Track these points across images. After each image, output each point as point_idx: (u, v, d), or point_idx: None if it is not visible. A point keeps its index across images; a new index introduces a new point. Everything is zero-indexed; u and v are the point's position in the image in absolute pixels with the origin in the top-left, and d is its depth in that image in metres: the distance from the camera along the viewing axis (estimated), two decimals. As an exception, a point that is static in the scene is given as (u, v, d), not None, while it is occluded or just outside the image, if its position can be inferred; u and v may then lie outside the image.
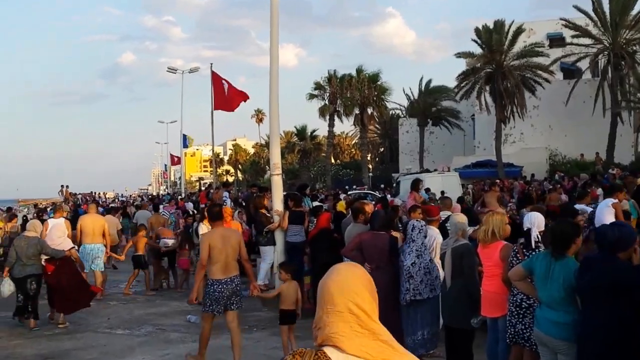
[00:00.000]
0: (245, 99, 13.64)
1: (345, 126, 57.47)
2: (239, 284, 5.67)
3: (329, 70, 36.77)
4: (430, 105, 35.14)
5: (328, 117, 36.77)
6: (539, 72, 26.57)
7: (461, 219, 5.31)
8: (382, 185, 28.68)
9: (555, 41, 32.00)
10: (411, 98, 37.17)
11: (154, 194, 47.85)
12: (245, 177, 63.16)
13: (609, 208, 6.83)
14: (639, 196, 8.45)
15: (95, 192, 38.05)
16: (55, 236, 7.98)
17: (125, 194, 50.32)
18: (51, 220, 8.87)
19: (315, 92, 36.71)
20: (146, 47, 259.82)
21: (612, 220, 5.99)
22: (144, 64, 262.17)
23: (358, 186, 29.91)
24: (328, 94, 36.34)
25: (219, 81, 14.20)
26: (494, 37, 26.38)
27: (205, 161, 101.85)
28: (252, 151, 70.32)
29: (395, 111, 43.40)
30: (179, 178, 57.13)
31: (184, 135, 30.52)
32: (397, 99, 70.09)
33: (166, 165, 53.97)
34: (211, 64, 16.11)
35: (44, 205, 28.60)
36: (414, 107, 36.51)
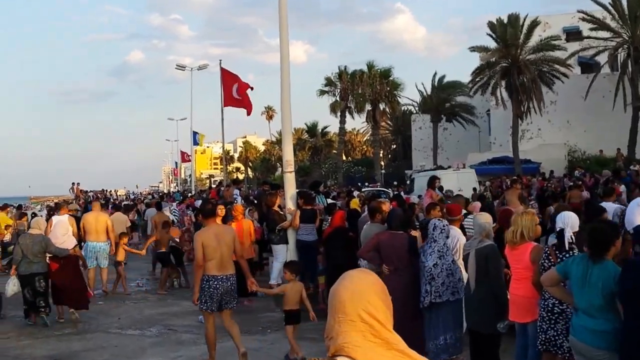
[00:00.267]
0: (248, 111, 13.40)
1: (357, 123, 57.28)
2: (234, 282, 5.59)
3: (339, 66, 36.38)
4: (444, 101, 34.69)
5: (339, 114, 36.43)
6: (556, 67, 26.07)
7: (486, 218, 5.08)
8: (395, 183, 28.37)
9: (571, 35, 31.43)
10: (424, 94, 36.75)
11: (164, 191, 48.01)
12: (256, 175, 63.15)
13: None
14: None
15: (107, 190, 38.34)
16: (60, 234, 7.97)
17: (137, 192, 50.62)
18: (55, 218, 8.79)
19: (326, 89, 36.35)
20: (154, 45, 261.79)
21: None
22: (152, 62, 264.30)
23: (370, 183, 29.68)
24: (339, 90, 35.97)
25: (228, 78, 13.95)
26: (508, 31, 25.93)
27: (216, 158, 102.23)
28: (262, 148, 70.19)
29: (407, 107, 43.00)
30: (190, 175, 57.36)
31: (194, 132, 30.34)
32: (409, 95, 69.67)
33: (177, 163, 54.13)
34: (220, 61, 15.97)
35: (55, 202, 28.81)
36: (426, 102, 36.11)
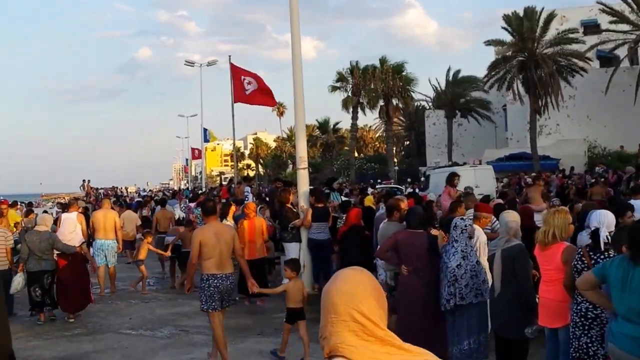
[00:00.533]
0: (271, 104, 13.21)
1: (369, 119, 56.75)
2: (234, 281, 5.52)
3: (351, 62, 35.96)
4: (459, 96, 34.09)
5: (351, 110, 36.04)
6: (574, 61, 25.45)
7: (513, 217, 4.80)
8: (409, 180, 28.01)
9: (589, 28, 30.75)
10: (438, 89, 36.18)
11: (175, 188, 48.00)
12: (267, 172, 63.02)
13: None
14: None
15: (117, 187, 38.48)
16: (67, 231, 7.95)
17: (147, 189, 50.70)
18: (64, 215, 8.75)
19: (338, 84, 35.96)
20: (162, 42, 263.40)
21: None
22: (161, 59, 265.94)
23: (384, 180, 29.33)
24: (351, 86, 35.58)
25: (238, 73, 13.74)
26: (525, 24, 25.40)
27: (226, 155, 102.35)
28: (273, 145, 69.80)
29: (420, 103, 42.44)
30: (200, 173, 57.43)
31: (205, 129, 30.14)
32: (422, 90, 68.84)
33: (187, 160, 54.21)
34: (229, 56, 15.59)
35: (69, 199, 28.97)
36: (441, 98, 35.56)
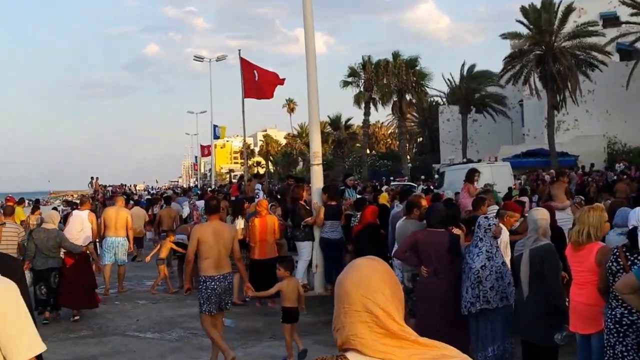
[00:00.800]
0: (280, 82, 12.83)
1: (381, 115, 56.32)
2: (231, 282, 5.49)
3: (363, 56, 35.41)
4: (474, 91, 33.48)
5: (363, 105, 35.61)
6: (594, 54, 24.73)
7: (542, 214, 4.47)
8: (423, 177, 27.58)
9: (609, 21, 29.95)
10: (452, 84, 35.59)
11: (184, 186, 47.96)
12: (277, 169, 62.75)
13: None
14: None
15: (126, 185, 38.63)
16: (75, 230, 7.81)
17: (156, 186, 50.70)
18: (75, 212, 8.65)
19: (350, 79, 35.47)
20: (170, 37, 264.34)
21: None
22: (170, 55, 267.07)
23: (397, 177, 28.94)
24: (363, 81, 35.08)
25: (248, 68, 13.47)
26: (542, 16, 24.74)
27: (236, 153, 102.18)
28: (283, 142, 69.16)
29: (433, 98, 41.85)
30: (209, 170, 57.27)
31: (215, 125, 29.72)
32: (435, 86, 68.01)
33: (196, 157, 54.09)
34: (239, 50, 15.10)
35: (81, 196, 29.07)
36: (455, 93, 34.98)
